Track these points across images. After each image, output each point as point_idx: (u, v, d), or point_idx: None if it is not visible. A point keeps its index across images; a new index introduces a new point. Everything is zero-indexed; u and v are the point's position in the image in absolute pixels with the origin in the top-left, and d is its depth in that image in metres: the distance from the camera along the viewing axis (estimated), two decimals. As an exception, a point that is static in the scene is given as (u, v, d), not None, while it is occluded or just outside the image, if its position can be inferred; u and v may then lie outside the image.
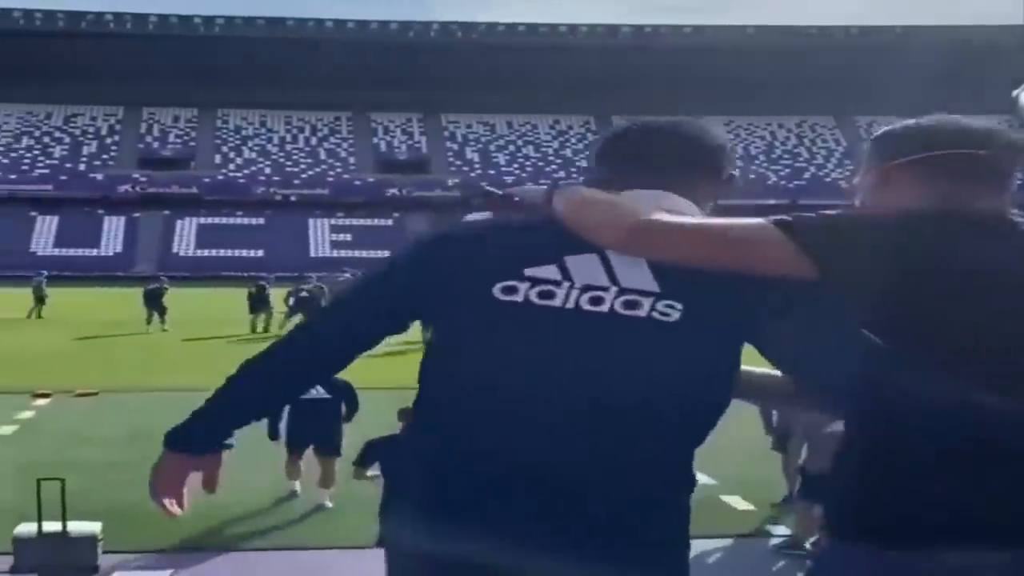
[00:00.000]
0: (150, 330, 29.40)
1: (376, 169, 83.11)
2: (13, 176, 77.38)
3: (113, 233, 74.03)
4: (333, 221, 76.65)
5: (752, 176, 76.24)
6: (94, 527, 7.02)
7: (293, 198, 78.09)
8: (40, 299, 34.30)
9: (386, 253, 2.61)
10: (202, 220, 75.64)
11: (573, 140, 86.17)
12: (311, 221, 76.33)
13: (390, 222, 76.66)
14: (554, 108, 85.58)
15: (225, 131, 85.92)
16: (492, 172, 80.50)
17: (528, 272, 1.95)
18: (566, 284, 1.93)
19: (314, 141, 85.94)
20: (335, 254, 68.94)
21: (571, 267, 1.95)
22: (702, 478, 2.28)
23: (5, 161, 79.12)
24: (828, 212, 1.94)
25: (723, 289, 1.90)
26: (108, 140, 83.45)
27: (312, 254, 71.68)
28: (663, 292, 1.91)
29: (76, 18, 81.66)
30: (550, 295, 1.93)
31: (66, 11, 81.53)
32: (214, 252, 70.39)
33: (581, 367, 1.91)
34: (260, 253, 69.16)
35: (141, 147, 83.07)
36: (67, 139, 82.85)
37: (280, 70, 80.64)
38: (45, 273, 36.96)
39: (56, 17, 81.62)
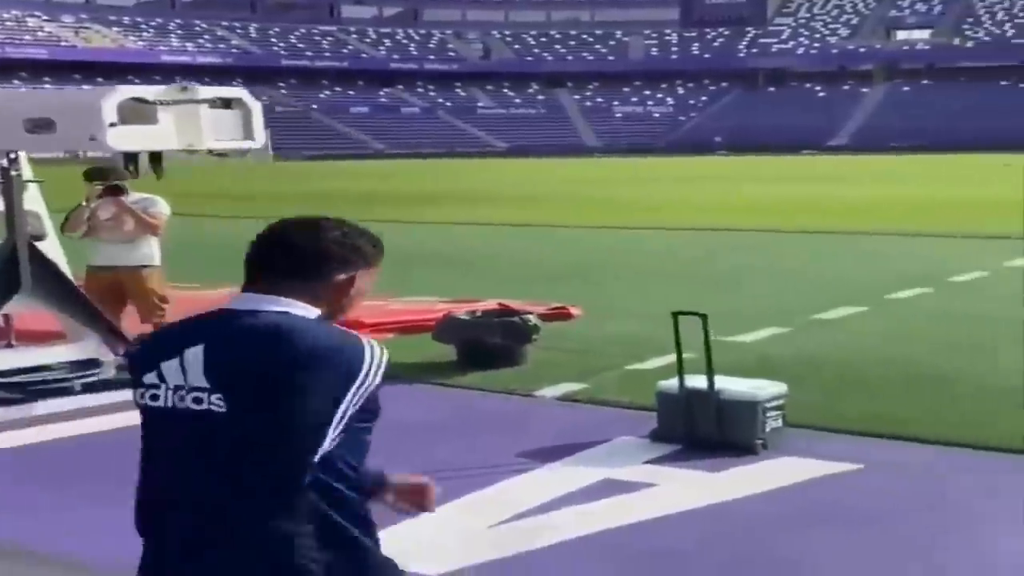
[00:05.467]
0: None
1: None
2: None
3: None
4: None
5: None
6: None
7: None
8: None
9: None
10: None
11: None
12: None
13: None
14: None
15: None
16: None
17: (144, 378, 2.24)
18: (163, 386, 2.20)
19: None
20: None
21: (165, 371, 2.20)
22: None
23: None
24: None
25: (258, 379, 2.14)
26: None
27: None
28: (212, 387, 2.15)
29: None
30: (155, 397, 2.21)
31: None
32: None
33: (182, 454, 2.19)
34: None
35: None
36: None
37: None
38: None
39: None
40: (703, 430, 6.21)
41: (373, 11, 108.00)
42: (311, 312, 2.19)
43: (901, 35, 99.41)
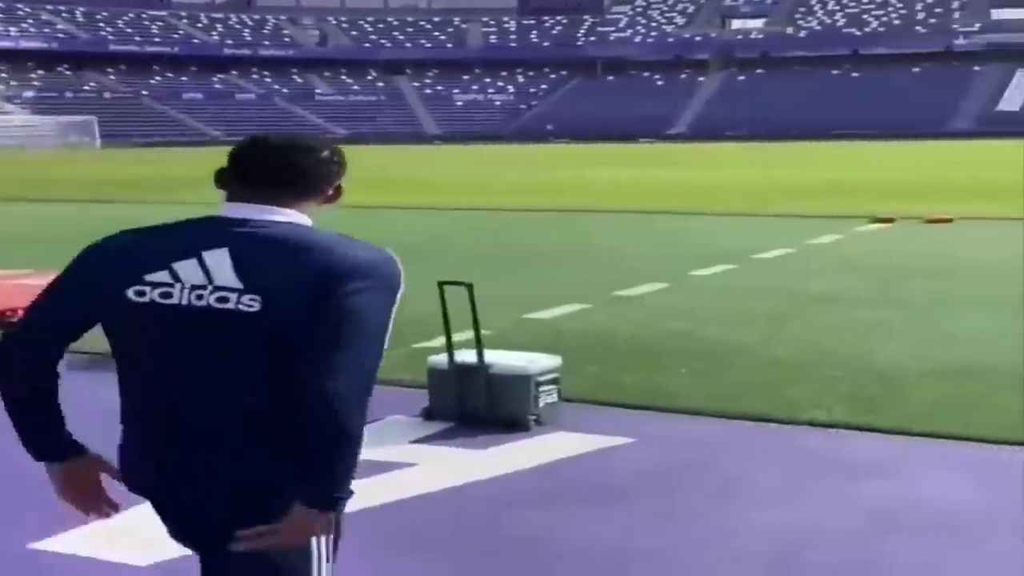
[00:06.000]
0: None
1: None
2: None
3: None
4: None
5: None
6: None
7: None
8: None
9: None
10: None
11: None
12: None
13: None
14: None
15: None
16: None
17: (148, 276, 2.27)
18: (178, 285, 2.25)
19: None
20: None
21: (180, 271, 2.25)
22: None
23: None
24: None
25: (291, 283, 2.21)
26: None
27: None
28: (245, 288, 2.21)
29: None
30: (167, 295, 2.25)
31: None
32: None
33: (192, 352, 2.24)
34: None
35: None
36: None
37: None
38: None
39: None
40: (474, 406, 6.00)
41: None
42: (307, 222, 2.32)
43: (736, 24, 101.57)
